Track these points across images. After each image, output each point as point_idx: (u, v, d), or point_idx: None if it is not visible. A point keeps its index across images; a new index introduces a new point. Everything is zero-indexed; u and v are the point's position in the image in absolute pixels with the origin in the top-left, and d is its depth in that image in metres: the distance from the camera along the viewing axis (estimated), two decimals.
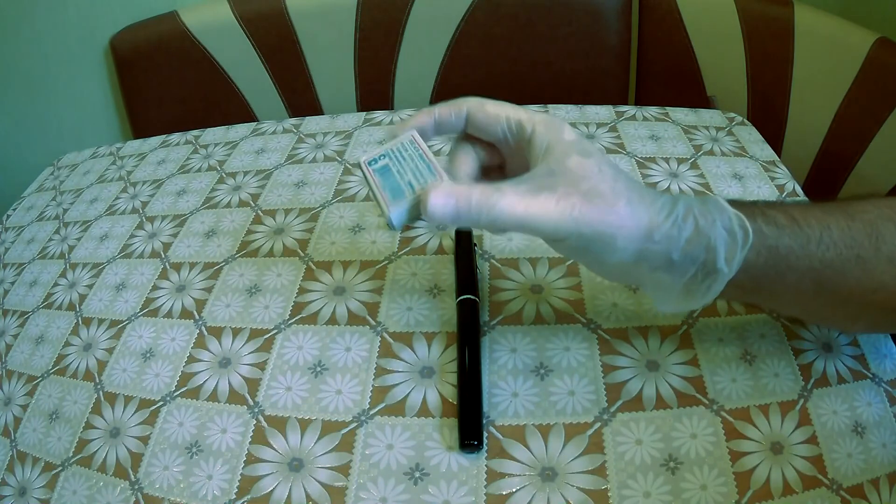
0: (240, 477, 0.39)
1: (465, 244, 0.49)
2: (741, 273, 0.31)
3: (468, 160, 0.35)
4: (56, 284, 0.57)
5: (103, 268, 0.57)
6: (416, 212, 0.32)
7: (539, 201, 0.30)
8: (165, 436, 0.42)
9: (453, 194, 0.31)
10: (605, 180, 0.30)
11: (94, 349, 0.49)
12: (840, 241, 0.31)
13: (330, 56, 0.94)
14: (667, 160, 0.59)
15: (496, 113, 0.34)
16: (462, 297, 0.45)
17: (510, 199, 0.30)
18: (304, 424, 0.41)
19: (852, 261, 0.31)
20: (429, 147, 0.35)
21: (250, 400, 0.43)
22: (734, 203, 0.32)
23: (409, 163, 0.33)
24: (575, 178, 0.30)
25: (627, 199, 0.30)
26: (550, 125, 0.32)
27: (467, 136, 0.36)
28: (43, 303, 0.55)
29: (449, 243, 0.52)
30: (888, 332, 0.40)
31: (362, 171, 0.35)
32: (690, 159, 0.59)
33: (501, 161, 0.36)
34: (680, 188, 0.56)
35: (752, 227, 0.30)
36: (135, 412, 0.44)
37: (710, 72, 0.88)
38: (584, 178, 0.30)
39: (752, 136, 0.63)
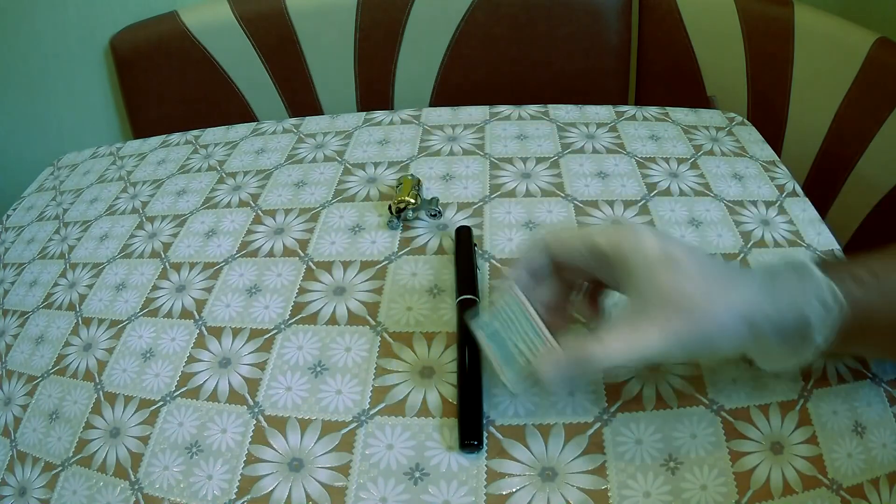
0: (240, 477, 0.39)
1: (465, 244, 0.49)
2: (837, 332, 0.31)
3: (560, 299, 0.37)
4: (56, 284, 0.57)
5: (103, 268, 0.57)
6: (528, 372, 0.34)
7: (641, 336, 0.30)
8: (165, 436, 0.42)
9: (561, 362, 0.32)
10: (697, 288, 0.30)
11: (94, 349, 0.49)
12: None
13: (330, 56, 0.94)
14: (667, 160, 0.59)
15: (571, 244, 0.34)
16: (462, 297, 0.45)
17: (613, 347, 0.31)
18: (304, 424, 0.41)
19: None
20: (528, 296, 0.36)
21: (250, 400, 0.43)
22: (824, 266, 0.31)
23: (516, 325, 0.35)
24: (668, 298, 0.30)
25: (725, 303, 0.30)
26: (626, 242, 0.32)
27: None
28: (43, 303, 0.55)
29: (449, 243, 0.52)
30: None
31: (475, 334, 0.37)
32: (690, 159, 0.59)
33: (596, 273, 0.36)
34: (680, 188, 0.56)
35: (845, 291, 0.30)
36: (135, 412, 0.44)
37: (710, 72, 0.88)
38: (678, 295, 0.30)
39: (752, 136, 0.63)
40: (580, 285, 0.37)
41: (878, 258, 0.32)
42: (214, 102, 0.96)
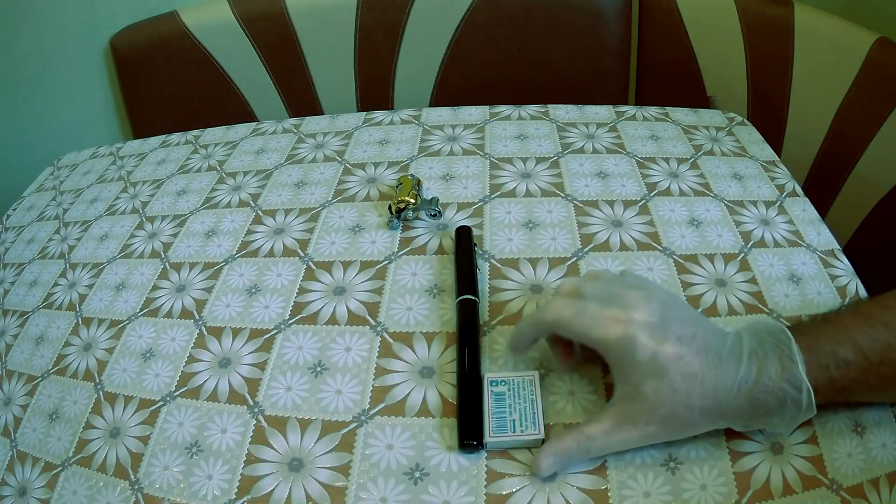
0: (240, 477, 0.39)
1: (465, 244, 0.49)
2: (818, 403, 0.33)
3: (564, 354, 0.41)
4: (56, 284, 0.57)
5: (103, 268, 0.57)
6: (508, 447, 0.38)
7: (623, 434, 0.35)
8: (165, 436, 0.42)
9: (553, 454, 0.36)
10: (679, 401, 0.33)
11: (94, 349, 0.49)
12: None
13: (330, 56, 0.94)
14: (667, 160, 0.59)
15: (571, 331, 0.37)
16: (462, 297, 0.45)
17: (599, 442, 0.35)
18: (304, 424, 0.41)
19: None
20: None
21: (250, 400, 0.43)
22: (810, 351, 0.33)
23: (520, 402, 0.39)
24: (651, 406, 0.34)
25: (702, 410, 0.33)
26: (624, 346, 0.34)
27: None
28: (43, 303, 0.55)
29: (449, 243, 0.52)
30: None
31: (483, 384, 0.40)
32: (690, 159, 0.59)
33: None
34: (680, 188, 0.56)
35: (824, 380, 0.33)
36: (135, 412, 0.44)
37: (710, 72, 0.88)
38: (660, 405, 0.33)
39: (752, 136, 0.63)
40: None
41: (867, 329, 0.34)
42: (214, 102, 0.96)
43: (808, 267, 0.48)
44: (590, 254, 0.50)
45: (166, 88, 0.94)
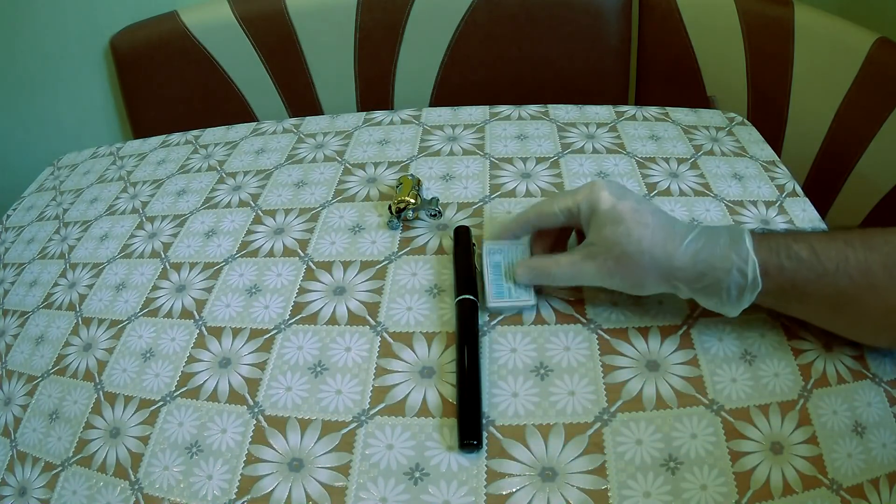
0: (240, 477, 0.39)
1: (463, 244, 0.49)
2: (763, 296, 0.37)
3: (540, 244, 0.47)
4: (56, 284, 0.57)
5: (103, 268, 0.57)
6: (506, 310, 0.45)
7: (583, 266, 0.41)
8: (165, 436, 0.42)
9: (529, 266, 0.44)
10: (632, 243, 0.38)
11: (94, 349, 0.49)
12: (855, 271, 0.35)
13: (330, 56, 0.94)
14: (667, 160, 0.59)
15: (549, 213, 0.43)
16: (461, 297, 0.45)
17: (563, 268, 0.42)
18: (304, 424, 0.41)
19: (866, 288, 0.35)
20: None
21: (250, 400, 0.43)
22: (761, 237, 0.37)
23: (513, 255, 0.46)
24: (607, 246, 0.39)
25: (650, 256, 0.38)
26: (590, 199, 0.40)
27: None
28: (43, 303, 0.55)
29: (449, 243, 0.52)
30: None
31: (482, 252, 0.47)
32: (690, 159, 0.59)
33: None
34: (680, 188, 0.56)
35: (774, 264, 0.36)
36: (135, 412, 0.44)
37: (710, 72, 0.88)
38: (615, 245, 0.39)
39: (752, 136, 0.63)
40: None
41: (826, 238, 0.36)
42: (214, 102, 0.96)
43: None
44: None
45: (166, 88, 0.94)
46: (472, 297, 0.45)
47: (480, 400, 0.40)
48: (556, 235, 0.47)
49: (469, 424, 0.38)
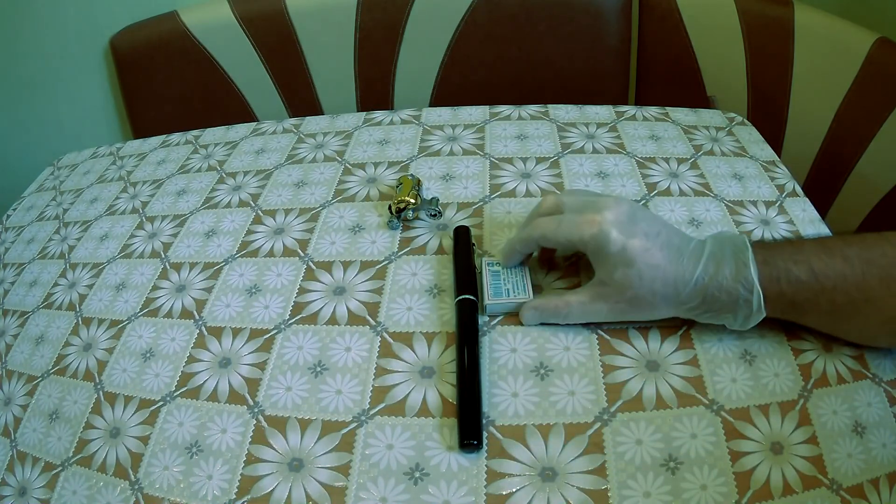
0: (240, 477, 0.39)
1: (463, 244, 0.49)
2: (768, 313, 0.38)
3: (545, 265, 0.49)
4: (56, 284, 0.57)
5: (103, 268, 0.57)
6: (504, 310, 0.46)
7: (594, 307, 0.41)
8: (165, 436, 0.42)
9: (538, 309, 0.44)
10: (643, 286, 0.39)
11: (94, 349, 0.49)
12: (853, 288, 0.36)
13: (330, 56, 0.94)
14: (667, 160, 0.59)
15: (554, 239, 0.42)
16: (461, 297, 0.45)
17: (575, 309, 0.42)
18: (304, 424, 0.41)
19: (863, 302, 0.37)
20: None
21: (250, 400, 0.43)
22: (764, 263, 0.37)
23: (513, 277, 0.46)
24: (621, 288, 0.40)
25: (662, 297, 0.39)
26: (598, 241, 0.39)
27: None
28: (43, 303, 0.55)
29: (449, 243, 0.52)
30: None
31: (481, 265, 0.48)
32: (690, 159, 0.59)
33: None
34: (680, 188, 0.56)
35: (774, 291, 0.37)
36: (135, 412, 0.44)
37: (710, 72, 0.88)
38: (628, 288, 0.39)
39: (752, 136, 0.63)
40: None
41: (825, 258, 0.37)
42: (214, 102, 0.96)
43: None
44: None
45: (166, 88, 0.94)
46: (471, 297, 0.45)
47: (480, 400, 0.40)
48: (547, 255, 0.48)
49: (469, 424, 0.38)
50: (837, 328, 0.40)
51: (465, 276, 0.46)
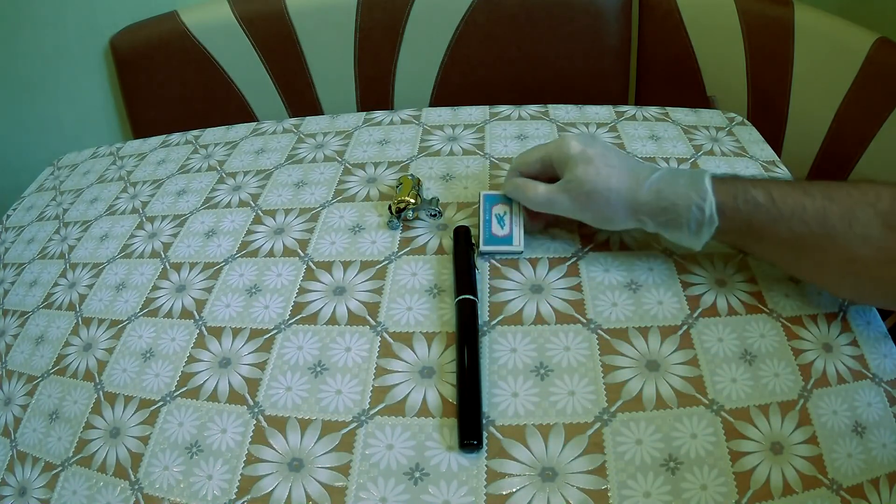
0: (240, 477, 0.39)
1: (463, 244, 0.49)
2: (723, 235, 0.41)
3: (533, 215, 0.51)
4: (56, 284, 0.57)
5: (103, 268, 0.57)
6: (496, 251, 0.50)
7: (558, 196, 0.45)
8: (165, 436, 0.42)
9: (515, 185, 0.48)
10: (600, 181, 0.42)
11: (94, 349, 0.49)
12: (812, 220, 0.37)
13: (330, 56, 0.94)
14: (667, 160, 0.59)
15: (530, 161, 0.47)
16: (461, 297, 0.45)
17: (540, 194, 0.46)
18: (304, 424, 0.41)
19: (823, 237, 0.37)
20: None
21: (250, 400, 0.43)
22: (721, 180, 0.40)
23: (504, 208, 0.50)
24: (580, 182, 0.43)
25: (617, 193, 0.42)
26: (561, 147, 0.45)
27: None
28: (43, 303, 0.55)
29: (449, 243, 0.52)
30: (873, 304, 0.43)
31: (480, 200, 0.51)
32: (690, 159, 0.59)
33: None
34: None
35: (730, 206, 0.39)
36: (135, 412, 0.44)
37: (710, 72, 0.88)
38: (586, 182, 0.43)
39: (752, 136, 0.63)
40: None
41: (784, 187, 0.39)
42: (214, 102, 0.96)
43: None
44: (590, 253, 0.50)
45: (166, 88, 0.94)
46: (472, 297, 0.45)
47: (480, 400, 0.40)
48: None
49: (469, 424, 0.38)
50: (801, 265, 0.41)
51: (465, 276, 0.46)
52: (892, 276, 0.37)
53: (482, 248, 0.49)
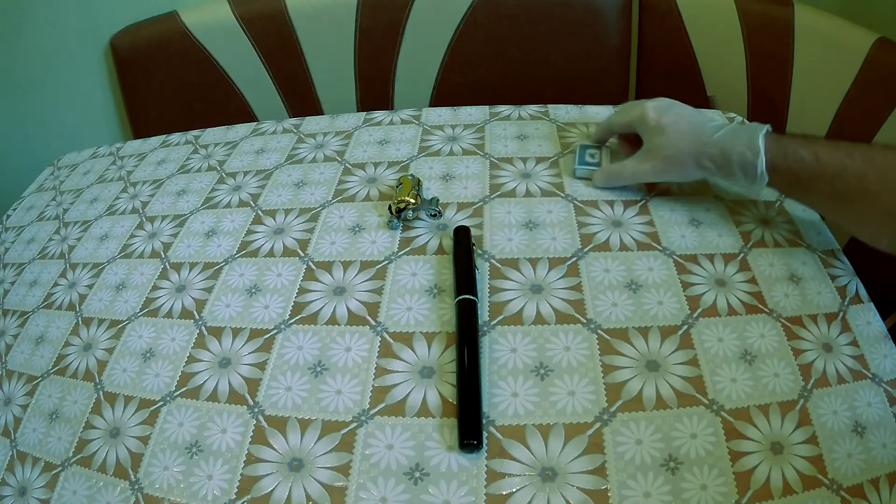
0: (240, 477, 0.39)
1: (463, 244, 0.49)
2: (775, 185, 0.47)
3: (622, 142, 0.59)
4: (56, 284, 0.57)
5: (103, 268, 0.57)
6: (587, 174, 0.58)
7: (642, 167, 0.53)
8: (165, 436, 0.42)
9: (603, 172, 0.57)
10: (672, 146, 0.50)
11: (94, 349, 0.49)
12: (852, 178, 0.42)
13: (330, 56, 0.94)
14: None
15: (620, 123, 0.56)
16: (460, 297, 0.45)
17: (628, 170, 0.54)
18: (304, 424, 0.41)
19: (860, 192, 0.42)
20: None
21: (250, 400, 0.43)
22: (775, 139, 0.45)
23: (594, 150, 0.59)
24: (658, 150, 0.51)
25: (688, 153, 0.49)
26: (641, 118, 0.52)
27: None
28: (43, 303, 0.55)
29: (449, 243, 0.52)
30: None
31: (577, 148, 0.59)
32: None
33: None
34: (681, 188, 0.56)
35: (780, 163, 0.45)
36: (135, 412, 0.44)
37: (710, 72, 0.88)
38: (663, 149, 0.51)
39: None
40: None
41: (831, 147, 0.43)
42: (214, 102, 0.96)
43: (807, 267, 0.48)
44: (590, 254, 0.50)
45: (166, 88, 0.94)
46: (472, 297, 0.45)
47: (480, 400, 0.40)
48: (632, 137, 0.57)
49: (469, 424, 0.38)
50: (841, 214, 0.45)
51: (465, 276, 0.46)
52: None
53: (577, 169, 0.57)
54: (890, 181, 0.41)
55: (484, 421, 0.39)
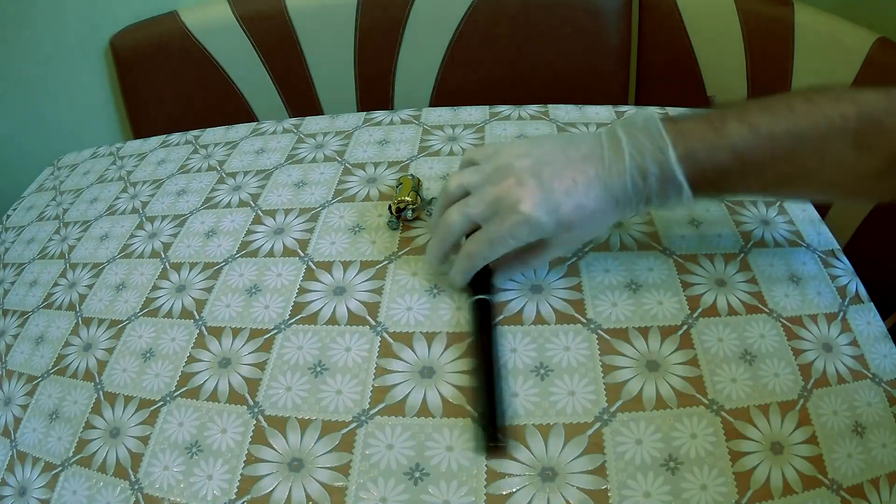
0: (240, 477, 0.39)
1: None
2: (702, 196, 0.39)
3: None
4: (56, 284, 0.57)
5: (103, 268, 0.57)
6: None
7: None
8: (165, 436, 0.42)
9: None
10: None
11: (94, 349, 0.49)
12: (784, 165, 0.37)
13: (330, 56, 0.94)
14: None
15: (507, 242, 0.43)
16: (476, 298, 0.45)
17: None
18: (304, 424, 0.41)
19: (798, 176, 0.38)
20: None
21: (250, 400, 0.43)
22: (687, 155, 0.37)
23: None
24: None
25: (605, 223, 0.42)
26: (535, 233, 0.40)
27: None
28: (43, 303, 0.55)
29: None
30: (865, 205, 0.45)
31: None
32: None
33: None
34: None
35: (699, 181, 0.38)
36: (135, 412, 0.44)
37: (710, 72, 0.88)
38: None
39: None
40: None
41: (749, 138, 0.37)
42: (214, 102, 0.96)
43: (808, 267, 0.48)
44: (590, 254, 0.50)
45: (166, 88, 0.94)
46: (487, 298, 0.44)
47: (503, 402, 0.39)
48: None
49: (493, 426, 0.38)
50: (782, 196, 0.43)
51: (480, 276, 0.46)
52: (869, 188, 0.40)
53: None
54: (827, 153, 0.36)
55: (507, 423, 0.39)
